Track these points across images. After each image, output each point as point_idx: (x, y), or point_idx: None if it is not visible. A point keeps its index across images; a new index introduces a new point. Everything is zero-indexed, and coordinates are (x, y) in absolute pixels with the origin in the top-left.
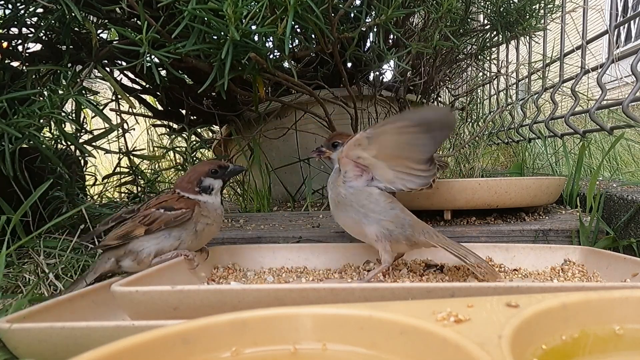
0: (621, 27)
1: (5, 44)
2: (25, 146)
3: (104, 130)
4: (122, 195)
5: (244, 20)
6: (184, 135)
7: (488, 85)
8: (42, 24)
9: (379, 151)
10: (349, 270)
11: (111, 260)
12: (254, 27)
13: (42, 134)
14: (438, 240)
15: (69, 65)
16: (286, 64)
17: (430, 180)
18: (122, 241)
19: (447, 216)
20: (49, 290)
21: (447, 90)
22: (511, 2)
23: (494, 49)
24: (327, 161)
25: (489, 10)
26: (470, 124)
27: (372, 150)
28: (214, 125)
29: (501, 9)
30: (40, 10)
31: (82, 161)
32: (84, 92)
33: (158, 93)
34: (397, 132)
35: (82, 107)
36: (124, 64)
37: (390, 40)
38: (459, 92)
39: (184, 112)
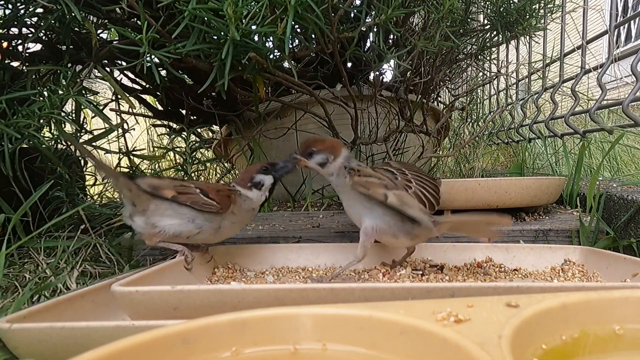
0: (621, 27)
1: (5, 44)
2: (25, 146)
3: (104, 130)
4: None
5: (244, 20)
6: (184, 135)
7: (488, 85)
8: (42, 24)
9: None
10: (349, 271)
11: (130, 202)
12: (254, 27)
13: (42, 134)
14: (437, 230)
15: (69, 65)
16: (286, 64)
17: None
18: (151, 191)
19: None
20: (49, 290)
21: (447, 90)
22: (511, 2)
23: (494, 49)
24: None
25: (489, 10)
26: (470, 124)
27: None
28: (214, 125)
29: (501, 9)
30: (40, 10)
31: (82, 161)
32: (84, 92)
33: (158, 93)
34: None
35: (82, 107)
36: (124, 64)
37: (390, 40)
38: (459, 92)
39: (184, 112)
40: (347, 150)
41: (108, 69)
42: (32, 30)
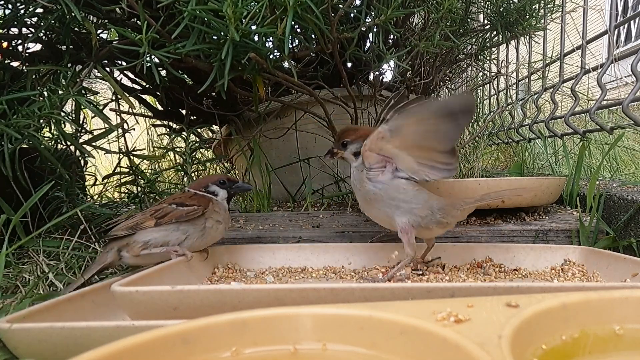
0: (621, 27)
1: (5, 44)
2: (25, 146)
3: (103, 130)
4: (122, 195)
5: (243, 21)
6: (183, 135)
7: (488, 85)
8: (42, 24)
9: (402, 142)
10: (349, 270)
11: (113, 250)
12: (253, 28)
13: (41, 134)
14: (468, 210)
15: (69, 65)
16: (286, 64)
17: (452, 174)
18: (131, 232)
19: None
20: (48, 290)
21: (447, 90)
22: (511, 2)
23: (494, 49)
24: (342, 160)
25: (489, 10)
26: (470, 124)
27: (395, 142)
28: (214, 125)
29: (501, 9)
30: (40, 10)
31: (82, 161)
32: (83, 92)
33: (158, 93)
34: (420, 122)
35: (82, 107)
36: (124, 64)
37: (390, 41)
38: (459, 92)
39: (184, 112)
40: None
41: (108, 69)
42: (32, 30)
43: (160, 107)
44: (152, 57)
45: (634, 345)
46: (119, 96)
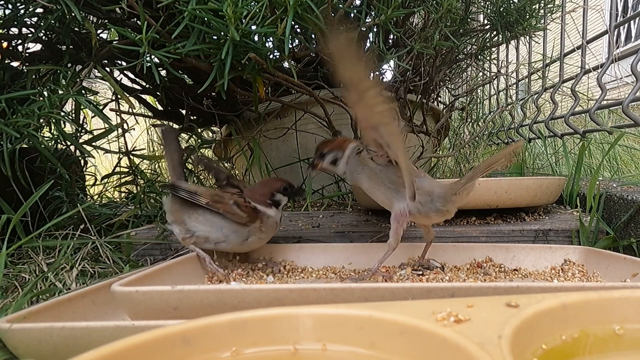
0: (621, 27)
1: (5, 44)
2: (25, 146)
3: (103, 130)
4: (122, 195)
5: (243, 21)
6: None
7: (488, 85)
8: (42, 24)
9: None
10: (349, 270)
11: (172, 219)
12: (253, 28)
13: (41, 134)
14: (465, 192)
15: (69, 65)
16: (286, 64)
17: None
18: (189, 196)
19: None
20: (48, 290)
21: (447, 90)
22: (511, 2)
23: (494, 49)
24: (327, 171)
25: (489, 10)
26: (470, 124)
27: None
28: (213, 126)
29: (501, 9)
30: (40, 10)
31: (82, 161)
32: (83, 92)
33: (158, 93)
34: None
35: (82, 107)
36: (124, 64)
37: (390, 40)
38: (459, 92)
39: (184, 112)
40: (355, 142)
41: (108, 69)
42: (32, 30)
43: (160, 107)
44: (152, 57)
45: (634, 345)
46: (119, 96)
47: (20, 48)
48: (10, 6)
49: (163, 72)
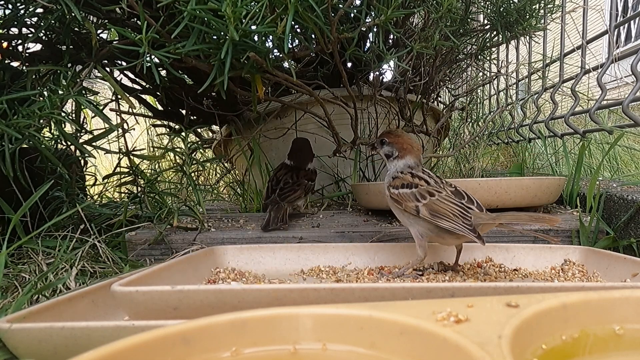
0: (621, 27)
1: (5, 44)
2: (26, 146)
3: (104, 130)
4: (122, 195)
5: (243, 20)
6: (182, 135)
7: (488, 85)
8: (42, 24)
9: None
10: (349, 270)
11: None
12: (253, 27)
13: (42, 134)
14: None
15: (69, 65)
16: (286, 64)
17: None
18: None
19: None
20: (49, 286)
21: (447, 90)
22: (511, 2)
23: (494, 49)
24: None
25: (489, 10)
26: (470, 124)
27: None
28: (213, 126)
29: (501, 9)
30: (40, 10)
31: (82, 161)
32: (84, 92)
33: (158, 93)
34: None
35: (82, 107)
36: (124, 64)
37: (390, 41)
38: (459, 92)
39: (184, 112)
40: (414, 157)
41: (108, 69)
42: (32, 30)
43: (160, 107)
44: (152, 57)
45: (634, 345)
46: (119, 96)
47: (20, 48)
48: (10, 6)
49: (163, 72)
